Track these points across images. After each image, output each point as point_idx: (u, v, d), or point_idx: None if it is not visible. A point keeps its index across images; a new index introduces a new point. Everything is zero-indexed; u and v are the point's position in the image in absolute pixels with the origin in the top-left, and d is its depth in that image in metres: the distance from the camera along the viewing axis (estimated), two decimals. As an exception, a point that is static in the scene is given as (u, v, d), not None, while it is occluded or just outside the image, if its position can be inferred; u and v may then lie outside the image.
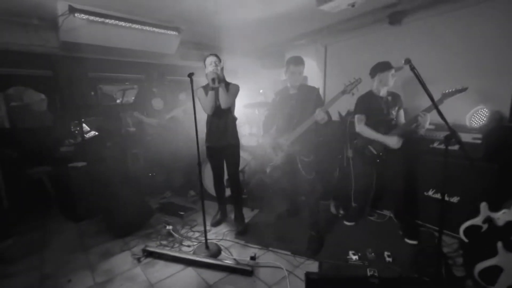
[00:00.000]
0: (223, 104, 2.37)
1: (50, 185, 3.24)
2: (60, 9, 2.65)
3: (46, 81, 3.40)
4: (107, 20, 2.91)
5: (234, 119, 2.56)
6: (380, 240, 2.35)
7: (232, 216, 2.80)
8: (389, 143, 2.30)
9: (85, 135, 3.51)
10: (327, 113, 2.20)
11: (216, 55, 2.45)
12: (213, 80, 2.27)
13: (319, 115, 2.13)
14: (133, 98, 4.39)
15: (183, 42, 4.05)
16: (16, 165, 3.05)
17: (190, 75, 2.07)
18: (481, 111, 2.29)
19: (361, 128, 2.45)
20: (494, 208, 1.76)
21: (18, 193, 2.98)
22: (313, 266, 2.06)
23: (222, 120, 2.46)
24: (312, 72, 4.31)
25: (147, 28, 3.21)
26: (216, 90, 2.36)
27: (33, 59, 3.23)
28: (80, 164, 3.05)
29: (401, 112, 2.44)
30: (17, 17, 2.95)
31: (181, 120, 3.57)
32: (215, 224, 2.78)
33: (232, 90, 2.45)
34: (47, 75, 3.39)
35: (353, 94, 2.16)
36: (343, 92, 2.16)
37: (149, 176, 3.80)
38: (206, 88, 2.49)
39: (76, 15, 2.69)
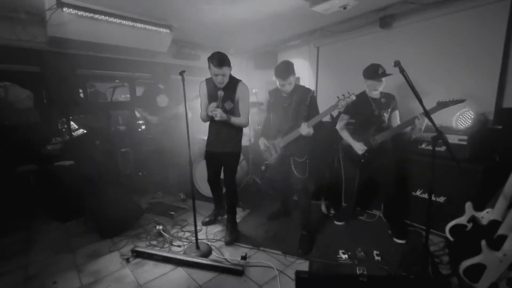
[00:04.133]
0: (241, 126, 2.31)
1: (35, 184, 3.15)
2: (48, 3, 2.58)
3: (33, 77, 3.30)
4: (96, 16, 2.86)
5: (246, 124, 2.40)
6: (369, 240, 2.39)
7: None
8: (355, 147, 2.37)
9: (73, 133, 3.43)
10: (319, 124, 2.18)
11: (225, 63, 2.11)
12: (214, 115, 2.15)
13: (304, 130, 2.11)
14: (123, 96, 4.33)
15: (175, 40, 4.02)
16: (0, 163, 2.95)
17: (182, 73, 2.05)
18: (467, 114, 2.36)
19: (339, 127, 2.54)
20: (479, 207, 1.82)
21: (2, 192, 2.88)
22: (303, 265, 2.07)
23: (224, 127, 2.31)
24: (305, 73, 4.34)
25: (138, 25, 3.16)
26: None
27: (20, 55, 3.13)
28: (67, 162, 2.99)
29: (396, 114, 2.43)
30: (3, 11, 2.86)
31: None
32: (206, 223, 2.76)
33: (242, 105, 2.29)
34: (34, 71, 3.29)
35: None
36: (334, 107, 2.07)
37: (139, 175, 3.74)
38: (209, 84, 2.31)
39: (64, 9, 2.63)
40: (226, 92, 2.24)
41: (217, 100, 2.22)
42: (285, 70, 2.17)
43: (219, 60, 2.09)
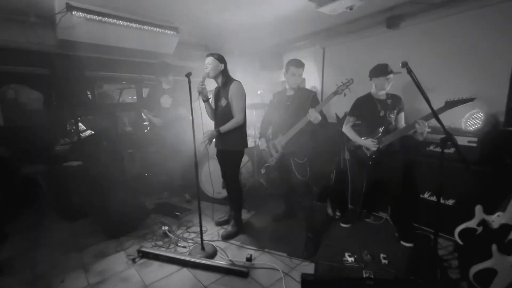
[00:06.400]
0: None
1: (44, 184, 3.20)
2: (58, 6, 2.62)
3: (43, 79, 3.36)
4: (104, 19, 2.89)
5: (238, 122, 2.37)
6: (376, 242, 2.36)
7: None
8: (366, 145, 2.35)
9: (81, 134, 3.49)
10: (322, 114, 2.20)
11: (212, 55, 2.33)
12: (199, 93, 2.29)
13: (312, 115, 2.13)
14: (130, 97, 4.38)
15: (182, 42, 4.04)
16: (10, 163, 3.01)
17: (188, 75, 2.07)
18: (476, 115, 2.31)
19: (346, 129, 2.51)
20: (489, 211, 1.77)
21: (11, 192, 2.93)
22: (309, 268, 2.06)
23: (220, 124, 2.39)
24: (310, 74, 4.33)
25: (145, 27, 3.19)
26: (208, 103, 2.45)
27: (30, 57, 3.20)
28: (75, 163, 3.03)
29: (401, 116, 2.40)
30: (14, 14, 2.92)
31: (188, 119, 3.43)
32: (219, 223, 2.78)
33: (235, 102, 2.31)
34: (43, 73, 3.36)
35: (344, 95, 2.14)
36: (335, 93, 2.16)
37: (145, 176, 3.77)
38: (215, 90, 2.51)
39: (73, 13, 2.67)
40: (221, 91, 2.40)
41: (213, 96, 2.51)
42: (300, 61, 2.32)
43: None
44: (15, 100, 3.34)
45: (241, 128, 2.43)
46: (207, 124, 2.50)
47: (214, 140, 2.48)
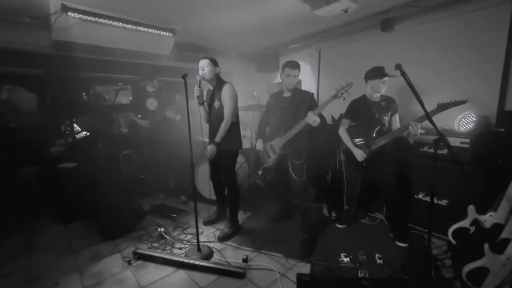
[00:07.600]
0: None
1: (38, 186, 3.17)
2: (53, 7, 2.62)
3: (37, 80, 3.33)
4: (100, 20, 2.89)
5: (227, 123, 2.39)
6: (371, 243, 2.38)
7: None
8: (355, 154, 2.38)
9: (76, 136, 3.46)
10: (321, 116, 2.23)
11: (208, 58, 2.38)
12: (197, 98, 2.35)
13: (311, 118, 2.15)
14: (126, 98, 4.36)
15: (178, 43, 4.05)
16: (4, 165, 2.97)
17: (184, 76, 2.07)
18: (469, 116, 2.35)
19: (341, 131, 2.54)
20: (481, 210, 1.80)
21: (5, 193, 2.90)
22: (305, 268, 2.07)
23: (215, 125, 2.44)
24: (306, 76, 4.36)
25: (141, 28, 3.20)
26: (203, 106, 2.49)
27: (25, 58, 3.17)
28: (70, 164, 3.00)
29: (396, 117, 2.42)
30: (9, 15, 2.90)
31: (174, 120, 3.51)
32: (207, 222, 2.79)
33: (224, 105, 2.37)
34: (38, 74, 3.33)
35: (344, 98, 2.16)
36: (334, 96, 2.17)
37: (141, 177, 3.75)
38: (208, 93, 2.55)
39: (69, 14, 2.67)
40: (215, 93, 2.46)
41: (207, 96, 2.57)
42: (295, 62, 2.36)
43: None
44: (9, 101, 3.30)
45: (235, 129, 2.48)
46: (205, 125, 2.52)
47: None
